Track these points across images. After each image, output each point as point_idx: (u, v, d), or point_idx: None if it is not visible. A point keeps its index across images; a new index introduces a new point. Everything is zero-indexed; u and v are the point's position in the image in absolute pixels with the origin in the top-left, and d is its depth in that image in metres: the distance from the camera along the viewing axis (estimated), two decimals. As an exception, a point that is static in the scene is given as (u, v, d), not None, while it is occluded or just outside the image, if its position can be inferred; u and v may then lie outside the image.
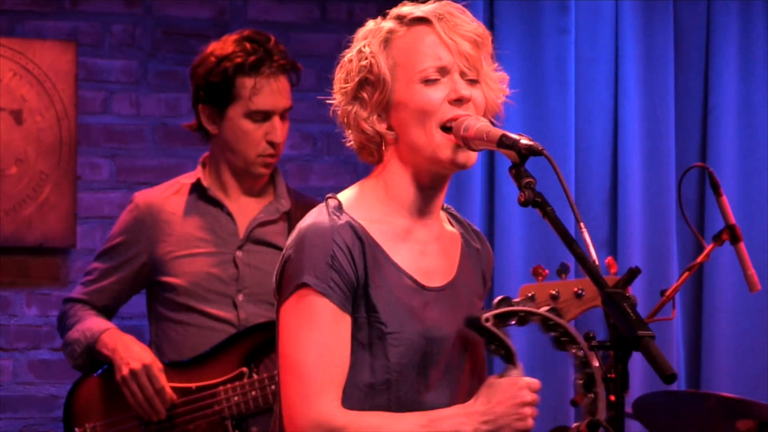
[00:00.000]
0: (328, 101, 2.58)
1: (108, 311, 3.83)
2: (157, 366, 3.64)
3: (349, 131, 2.57)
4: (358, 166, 5.06)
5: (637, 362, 3.96)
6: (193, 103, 3.79)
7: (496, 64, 2.58)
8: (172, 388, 3.66)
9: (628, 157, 5.04)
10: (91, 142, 4.93)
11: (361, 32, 2.56)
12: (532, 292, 3.72)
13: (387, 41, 2.53)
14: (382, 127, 2.53)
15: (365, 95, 2.53)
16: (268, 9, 5.09)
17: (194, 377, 3.68)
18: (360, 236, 2.48)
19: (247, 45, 3.71)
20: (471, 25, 2.54)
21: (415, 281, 2.53)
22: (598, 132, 5.07)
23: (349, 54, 2.55)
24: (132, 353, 3.66)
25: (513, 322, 2.46)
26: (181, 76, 4.93)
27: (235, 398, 3.64)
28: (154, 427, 3.67)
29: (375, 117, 2.53)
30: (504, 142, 2.41)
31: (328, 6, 5.13)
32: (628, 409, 3.90)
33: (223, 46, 3.73)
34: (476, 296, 2.64)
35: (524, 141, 2.40)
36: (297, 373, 2.44)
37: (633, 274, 3.64)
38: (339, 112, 2.56)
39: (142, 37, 4.98)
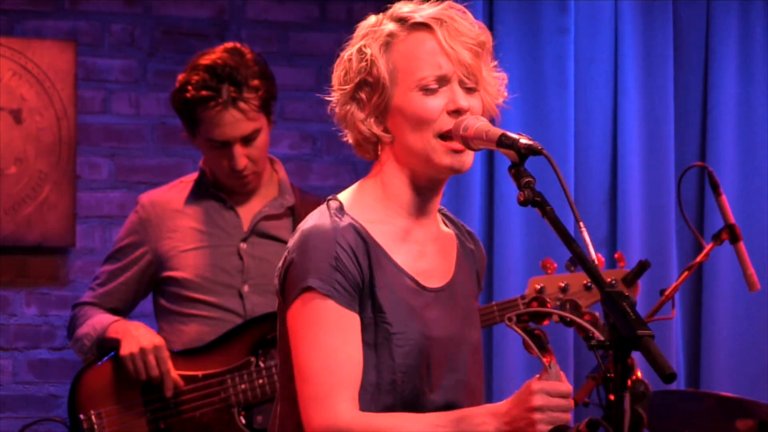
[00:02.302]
0: (327, 99, 2.58)
1: (118, 313, 3.85)
2: (165, 349, 3.67)
3: (346, 129, 2.57)
4: (357, 166, 5.06)
5: (636, 361, 3.94)
6: None
7: (495, 63, 2.58)
8: (179, 375, 3.69)
9: (628, 156, 5.04)
10: (90, 141, 4.93)
11: (362, 28, 2.55)
12: (542, 285, 3.74)
13: (388, 45, 2.52)
14: (378, 130, 2.53)
15: (363, 96, 2.52)
16: (267, 8, 5.09)
17: (201, 365, 3.70)
18: (363, 237, 2.48)
19: (203, 75, 3.71)
20: (472, 31, 2.52)
21: (416, 282, 2.53)
22: (598, 131, 5.07)
23: (349, 52, 2.54)
24: (141, 334, 3.70)
25: (546, 323, 2.43)
26: (180, 76, 4.94)
27: (242, 386, 3.66)
28: (161, 413, 3.69)
29: (372, 119, 2.53)
30: (503, 142, 2.41)
31: (327, 5, 5.13)
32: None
33: (190, 68, 3.76)
34: (472, 296, 2.65)
35: (524, 140, 2.39)
36: (307, 377, 2.44)
37: (642, 267, 3.65)
38: (336, 111, 2.56)
39: (142, 37, 4.97)
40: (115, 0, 4.95)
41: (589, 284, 3.70)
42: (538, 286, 3.73)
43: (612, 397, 2.24)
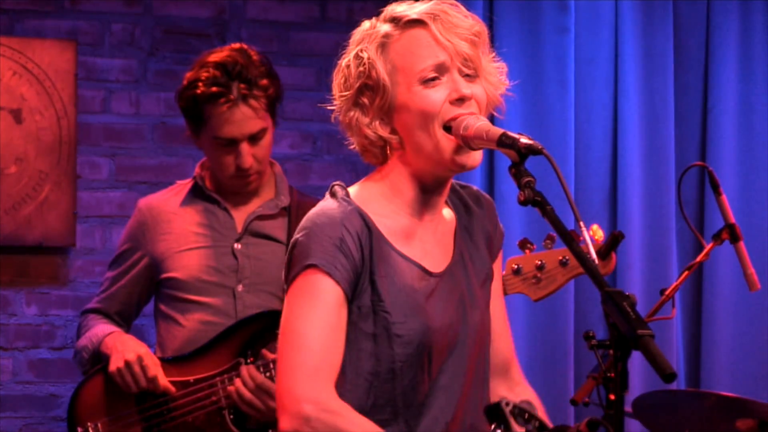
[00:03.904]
0: (327, 98, 2.58)
1: (122, 317, 3.88)
2: (150, 356, 3.69)
3: (352, 136, 2.57)
4: (357, 165, 5.06)
5: (636, 361, 3.95)
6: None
7: (494, 54, 2.58)
8: (171, 382, 3.70)
9: (628, 156, 5.04)
10: (90, 141, 4.93)
11: (356, 35, 2.56)
12: (519, 264, 3.73)
13: (384, 45, 2.52)
14: (385, 132, 2.53)
15: (366, 101, 2.53)
16: (267, 8, 5.09)
17: (192, 370, 3.71)
18: (368, 225, 2.50)
19: (214, 72, 3.71)
20: (466, 22, 2.53)
21: (421, 267, 2.54)
22: (598, 131, 5.07)
23: (346, 59, 2.55)
24: (128, 347, 3.71)
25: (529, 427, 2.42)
26: (180, 75, 4.90)
27: (231, 388, 3.67)
28: (155, 420, 3.71)
29: (377, 122, 2.53)
30: (504, 141, 2.41)
31: (327, 5, 5.13)
32: (628, 408, 3.90)
33: (198, 66, 3.76)
34: (480, 268, 2.63)
35: (524, 140, 2.40)
36: (299, 346, 2.43)
37: (615, 238, 3.63)
38: (340, 118, 2.57)
39: (142, 36, 4.98)
40: (115, 0, 4.95)
41: (565, 260, 3.68)
42: (515, 266, 3.73)
43: (612, 397, 2.24)
